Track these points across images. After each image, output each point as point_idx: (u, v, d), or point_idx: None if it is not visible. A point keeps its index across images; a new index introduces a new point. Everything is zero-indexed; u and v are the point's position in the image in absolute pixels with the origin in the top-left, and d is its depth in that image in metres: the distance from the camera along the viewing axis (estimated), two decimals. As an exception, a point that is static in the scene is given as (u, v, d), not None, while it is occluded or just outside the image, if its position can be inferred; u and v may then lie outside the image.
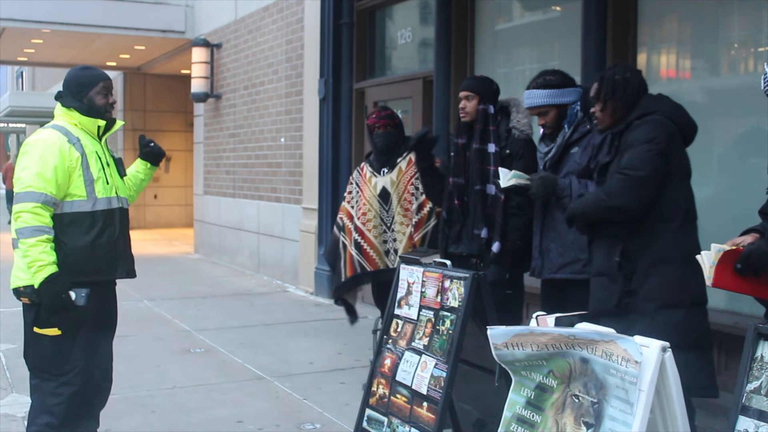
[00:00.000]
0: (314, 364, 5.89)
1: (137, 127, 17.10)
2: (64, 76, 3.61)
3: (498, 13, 6.71)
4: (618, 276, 3.24)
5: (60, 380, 3.41)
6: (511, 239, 4.07)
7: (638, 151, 3.20)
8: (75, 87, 3.52)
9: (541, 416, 2.49)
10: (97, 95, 3.52)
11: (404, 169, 4.78)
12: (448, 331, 3.29)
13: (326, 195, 8.51)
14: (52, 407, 3.40)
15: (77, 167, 3.40)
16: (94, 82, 3.52)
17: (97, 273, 3.46)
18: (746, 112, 4.72)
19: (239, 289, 9.44)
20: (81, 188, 3.40)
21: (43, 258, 3.25)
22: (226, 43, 11.51)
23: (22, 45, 13.86)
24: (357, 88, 8.34)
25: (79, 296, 3.31)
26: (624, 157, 3.25)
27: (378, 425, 3.49)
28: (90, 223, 3.41)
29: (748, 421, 2.12)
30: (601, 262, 3.35)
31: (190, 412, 4.76)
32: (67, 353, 3.41)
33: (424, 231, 4.70)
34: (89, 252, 3.40)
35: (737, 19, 4.90)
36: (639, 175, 3.18)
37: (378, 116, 4.87)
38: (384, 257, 4.84)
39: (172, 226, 17.35)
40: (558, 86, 3.81)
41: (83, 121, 3.50)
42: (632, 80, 3.38)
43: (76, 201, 3.39)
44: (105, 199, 3.48)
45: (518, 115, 4.20)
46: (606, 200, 3.24)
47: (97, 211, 3.44)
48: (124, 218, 3.60)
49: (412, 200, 4.73)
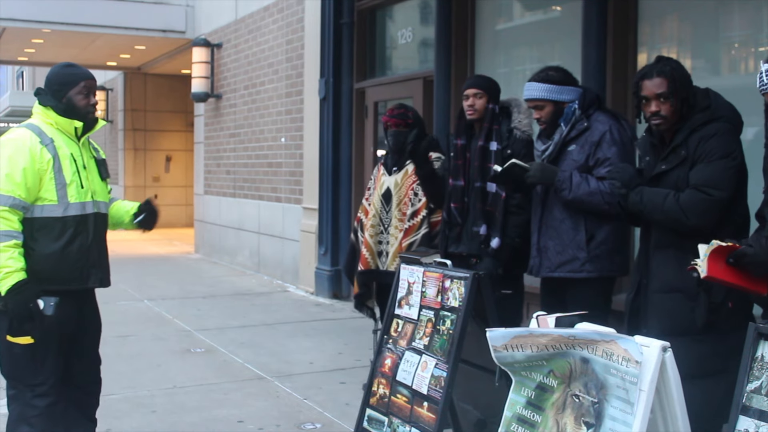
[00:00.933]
0: (315, 363, 5.89)
1: (138, 126, 17.12)
2: (47, 74, 3.46)
3: (498, 13, 6.71)
4: (698, 291, 3.01)
5: (35, 391, 3.30)
6: (510, 236, 4.06)
7: (718, 168, 3.05)
8: (55, 85, 3.37)
9: (542, 416, 2.49)
10: (77, 95, 3.37)
11: (410, 172, 4.71)
12: (448, 331, 3.29)
13: (327, 195, 8.51)
14: (31, 419, 3.30)
15: (48, 170, 3.25)
16: (76, 81, 3.37)
17: (68, 281, 3.32)
18: (746, 112, 4.69)
19: (239, 288, 9.44)
20: (52, 192, 3.26)
21: (10, 264, 3.12)
22: (226, 43, 11.51)
23: (22, 45, 13.87)
24: (357, 87, 8.34)
25: (48, 305, 3.17)
26: (699, 171, 3.09)
27: (378, 425, 3.49)
28: (60, 229, 3.28)
29: (748, 420, 2.12)
30: (673, 276, 3.17)
31: (191, 412, 4.76)
32: (41, 362, 3.29)
33: (412, 239, 4.64)
34: (59, 259, 3.27)
35: (737, 19, 4.90)
36: (721, 197, 3.04)
37: (390, 114, 4.78)
38: (376, 258, 4.83)
39: (172, 225, 17.34)
40: (558, 83, 3.80)
41: (59, 121, 3.35)
42: (687, 74, 3.24)
43: (47, 205, 3.26)
44: (78, 204, 3.33)
45: (519, 116, 4.20)
46: (683, 218, 3.08)
47: (69, 216, 3.30)
48: (99, 224, 3.45)
49: (408, 205, 4.70)
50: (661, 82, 3.18)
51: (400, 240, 4.67)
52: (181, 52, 13.53)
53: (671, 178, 3.19)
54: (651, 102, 3.19)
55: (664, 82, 3.18)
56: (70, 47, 14.01)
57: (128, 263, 11.72)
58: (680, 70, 3.22)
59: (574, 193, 3.65)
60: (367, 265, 4.83)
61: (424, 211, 4.64)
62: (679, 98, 3.17)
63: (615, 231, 3.75)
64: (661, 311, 3.23)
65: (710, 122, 3.12)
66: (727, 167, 3.07)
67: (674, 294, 3.18)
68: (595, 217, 3.70)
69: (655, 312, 3.26)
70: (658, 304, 3.24)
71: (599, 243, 3.70)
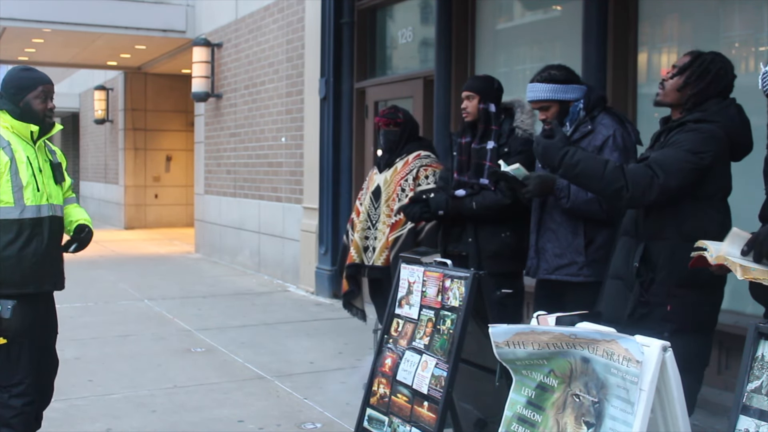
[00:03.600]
0: (315, 363, 5.90)
1: (138, 126, 17.12)
2: (3, 77, 3.48)
3: (499, 12, 6.71)
4: (635, 283, 3.02)
5: (12, 392, 3.32)
6: (479, 201, 4.15)
7: (677, 157, 2.95)
8: (12, 89, 3.38)
9: (542, 416, 2.49)
10: (35, 99, 3.38)
11: (399, 170, 4.76)
12: (448, 331, 3.29)
13: (327, 194, 8.51)
14: (10, 420, 3.32)
15: (5, 172, 3.27)
16: (34, 86, 3.39)
17: (23, 284, 3.33)
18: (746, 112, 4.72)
19: (240, 288, 9.44)
20: (8, 194, 3.27)
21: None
22: (226, 43, 11.51)
23: (23, 44, 13.86)
24: (358, 87, 8.34)
25: (5, 308, 3.18)
26: (659, 153, 3.02)
27: (379, 425, 3.50)
28: (17, 232, 3.29)
29: (748, 420, 2.12)
30: (620, 264, 3.16)
31: (191, 412, 4.77)
32: (15, 363, 3.32)
33: (398, 233, 4.67)
34: (14, 263, 3.28)
35: (738, 19, 4.90)
36: (666, 182, 2.93)
37: (381, 115, 4.91)
38: (362, 253, 4.88)
39: (172, 225, 17.36)
40: (562, 82, 3.76)
41: (15, 125, 3.36)
42: (722, 79, 3.10)
43: (3, 207, 3.27)
44: (34, 207, 3.34)
45: (522, 116, 4.21)
46: (623, 189, 2.96)
47: (25, 219, 3.30)
48: (55, 227, 3.47)
49: (396, 201, 4.72)
50: (687, 62, 3.11)
51: (387, 234, 4.71)
52: (182, 52, 13.53)
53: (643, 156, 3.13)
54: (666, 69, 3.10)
55: (688, 62, 3.10)
56: (70, 47, 14.01)
57: (128, 263, 11.72)
58: (708, 66, 3.09)
59: (572, 201, 3.64)
60: (351, 260, 4.90)
61: None
62: (690, 88, 3.07)
63: (614, 235, 3.73)
64: (605, 295, 3.26)
65: (701, 122, 3.04)
66: (686, 160, 2.95)
67: (616, 281, 3.20)
68: (594, 222, 3.69)
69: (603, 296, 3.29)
70: (606, 288, 3.27)
71: (598, 247, 3.68)
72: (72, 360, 5.87)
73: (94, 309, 8.03)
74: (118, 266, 11.32)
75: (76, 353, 6.09)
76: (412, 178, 4.69)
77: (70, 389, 5.09)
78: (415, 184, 4.68)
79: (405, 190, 4.69)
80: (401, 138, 4.83)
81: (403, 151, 4.81)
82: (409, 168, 4.73)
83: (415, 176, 4.69)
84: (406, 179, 4.69)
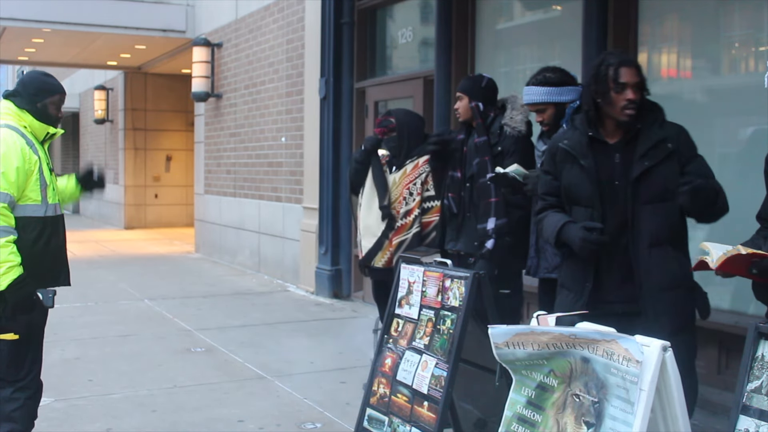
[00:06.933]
0: (315, 363, 5.90)
1: (138, 126, 17.12)
2: (22, 77, 3.53)
3: (499, 12, 6.71)
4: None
5: (16, 386, 3.37)
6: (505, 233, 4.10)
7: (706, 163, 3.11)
8: (33, 89, 3.44)
9: (542, 416, 2.50)
10: (51, 104, 3.47)
11: (408, 172, 4.73)
12: (448, 331, 3.29)
13: (327, 194, 8.51)
14: (12, 413, 3.36)
15: (35, 170, 3.34)
16: (54, 92, 3.48)
17: (43, 279, 3.39)
18: (747, 112, 4.72)
19: (240, 288, 9.44)
20: (37, 192, 3.35)
21: (12, 259, 3.20)
22: (226, 43, 11.51)
23: (22, 44, 13.87)
24: (358, 87, 8.34)
25: (47, 297, 3.29)
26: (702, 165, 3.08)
27: (379, 424, 3.50)
28: (41, 229, 3.36)
29: (748, 420, 2.12)
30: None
31: (191, 412, 4.77)
32: (23, 357, 3.38)
33: (402, 237, 4.65)
34: (38, 258, 3.34)
35: (738, 19, 4.90)
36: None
37: (377, 124, 4.91)
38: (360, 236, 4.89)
39: (172, 225, 17.35)
40: (557, 84, 3.79)
41: (34, 125, 3.43)
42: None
43: (30, 205, 3.34)
44: (54, 206, 3.45)
45: (512, 112, 4.22)
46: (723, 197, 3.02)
47: (48, 216, 3.40)
48: (63, 226, 3.58)
49: (402, 204, 4.72)
50: (636, 72, 3.05)
51: (391, 238, 4.70)
52: (182, 52, 13.53)
53: (659, 176, 3.01)
54: (628, 89, 2.99)
55: (638, 72, 3.06)
56: (70, 47, 14.01)
57: (128, 263, 11.72)
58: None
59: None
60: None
61: (417, 211, 4.66)
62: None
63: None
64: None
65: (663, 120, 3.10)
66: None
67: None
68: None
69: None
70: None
71: None
72: (72, 360, 5.87)
73: (94, 309, 8.03)
74: (118, 266, 11.32)
75: (76, 353, 6.10)
76: (421, 182, 4.69)
77: (70, 389, 5.09)
78: (423, 188, 4.67)
79: (412, 194, 4.69)
80: (402, 140, 4.78)
81: (412, 153, 4.76)
82: (418, 172, 4.72)
83: (423, 181, 4.69)
84: (415, 183, 4.69)
